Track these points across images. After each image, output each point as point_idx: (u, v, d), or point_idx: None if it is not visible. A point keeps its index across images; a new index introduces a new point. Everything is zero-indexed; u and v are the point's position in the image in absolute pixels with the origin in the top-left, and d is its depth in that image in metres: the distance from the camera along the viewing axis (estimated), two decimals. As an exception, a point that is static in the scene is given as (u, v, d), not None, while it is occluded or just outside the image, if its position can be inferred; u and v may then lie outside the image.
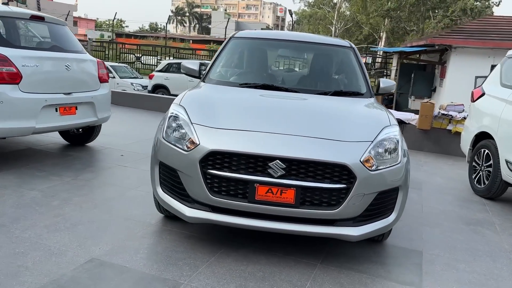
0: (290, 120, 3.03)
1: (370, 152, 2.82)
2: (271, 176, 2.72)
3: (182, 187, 2.93)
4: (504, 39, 11.05)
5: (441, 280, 2.94)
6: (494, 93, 5.19)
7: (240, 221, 2.83)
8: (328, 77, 4.02)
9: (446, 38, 11.60)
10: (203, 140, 2.82)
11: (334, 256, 3.13)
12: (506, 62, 5.33)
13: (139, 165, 5.12)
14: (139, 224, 3.42)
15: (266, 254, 3.07)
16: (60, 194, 3.93)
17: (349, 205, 2.76)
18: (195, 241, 3.19)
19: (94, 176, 4.56)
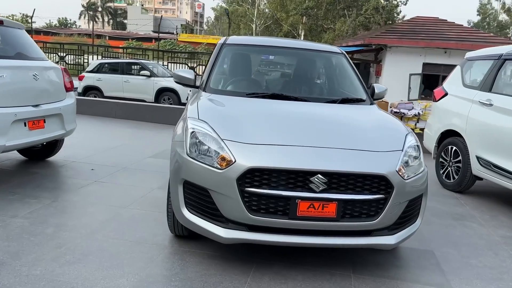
0: (319, 132, 3.00)
1: (402, 161, 2.88)
2: (312, 191, 2.68)
3: (215, 207, 2.77)
4: (434, 38, 11.94)
5: (464, 277, 3.09)
6: (458, 93, 5.57)
7: (280, 239, 2.75)
8: (331, 84, 4.04)
9: (382, 38, 12.25)
10: (239, 157, 2.69)
11: (361, 264, 3.16)
12: (466, 64, 5.74)
13: (117, 180, 4.79)
14: (154, 247, 3.19)
15: (298, 269, 3.02)
16: (49, 219, 3.55)
17: (386, 214, 2.80)
18: (221, 261, 3.05)
19: (74, 196, 4.17)
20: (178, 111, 9.14)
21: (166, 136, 7.72)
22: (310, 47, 4.22)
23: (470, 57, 5.74)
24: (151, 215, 3.82)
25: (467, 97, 5.34)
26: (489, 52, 5.41)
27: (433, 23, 13.80)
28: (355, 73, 4.09)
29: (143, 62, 15.29)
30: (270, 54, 4.27)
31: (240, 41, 4.24)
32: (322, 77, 4.11)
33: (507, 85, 4.98)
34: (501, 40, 13.63)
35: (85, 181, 4.65)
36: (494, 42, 12.53)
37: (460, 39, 12.03)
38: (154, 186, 4.67)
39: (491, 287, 2.98)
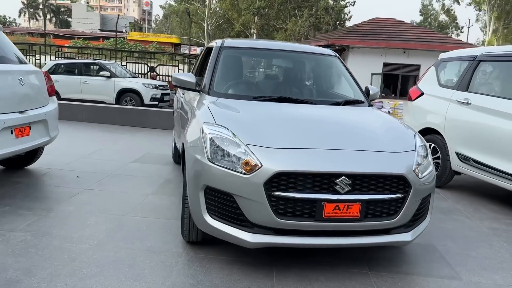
0: (336, 135, 3.07)
1: (416, 161, 3.01)
2: (337, 193, 2.74)
3: (240, 212, 2.77)
4: (394, 39, 12.43)
5: (470, 269, 3.27)
6: (434, 93, 5.84)
7: (307, 241, 2.79)
8: (331, 86, 4.13)
9: (345, 39, 12.60)
10: (265, 162, 2.70)
11: (374, 262, 3.27)
12: (441, 65, 6.04)
13: (107, 187, 4.64)
14: (169, 255, 3.13)
15: (318, 270, 3.07)
16: (51, 231, 3.39)
17: (404, 213, 2.91)
18: (242, 266, 3.05)
19: (69, 206, 4.00)
20: (149, 114, 8.97)
21: (141, 139, 7.56)
22: (306, 50, 4.29)
23: (444, 58, 6.04)
24: (155, 222, 3.74)
25: (444, 96, 5.61)
26: (463, 53, 5.73)
27: (392, 24, 14.36)
28: (351, 75, 4.21)
29: (102, 63, 14.81)
30: (269, 57, 4.30)
31: (238, 44, 4.24)
32: (322, 79, 4.19)
33: (483, 85, 5.30)
34: (454, 40, 14.42)
35: (74, 190, 4.47)
36: (448, 42, 13.23)
37: (418, 40, 12.61)
38: (148, 192, 4.57)
39: (497, 277, 3.17)
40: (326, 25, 50.04)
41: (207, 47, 4.80)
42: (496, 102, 4.85)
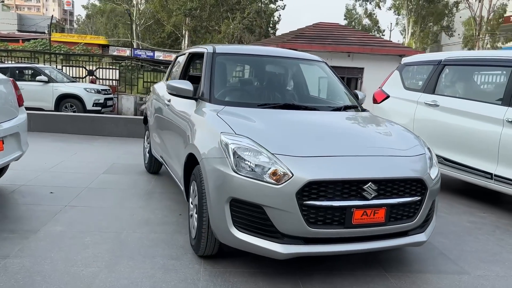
0: (354, 141, 3.12)
1: (429, 164, 3.14)
2: (365, 199, 2.78)
3: (270, 223, 2.72)
4: (339, 43, 12.88)
5: (471, 263, 3.46)
6: (401, 95, 6.13)
7: (336, 248, 2.81)
8: (332, 93, 4.18)
9: (293, 43, 12.84)
10: (296, 171, 2.68)
11: (387, 262, 3.36)
12: (405, 69, 6.35)
13: (89, 202, 4.35)
14: (188, 271, 3.01)
15: (339, 275, 3.10)
16: (49, 255, 3.12)
17: (422, 214, 3.03)
18: (265, 277, 3.00)
19: (55, 225, 3.70)
20: (104, 121, 8.54)
21: (101, 149, 7.17)
22: (298, 56, 4.32)
23: (408, 63, 6.36)
24: (157, 237, 3.57)
25: (411, 98, 5.92)
26: (427, 58, 6.07)
27: (336, 29, 14.89)
28: (340, 80, 4.30)
29: (37, 67, 13.87)
30: (263, 63, 4.25)
31: (230, 50, 4.16)
32: (319, 85, 4.23)
33: (449, 88, 5.66)
34: (394, 44, 15.25)
35: (54, 207, 4.13)
36: (389, 46, 13.98)
37: (362, 44, 13.18)
38: (135, 205, 4.35)
39: (497, 269, 3.40)
40: (258, 28, 50.74)
41: (190, 52, 4.66)
42: (463, 103, 5.20)
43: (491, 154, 4.75)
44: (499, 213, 4.87)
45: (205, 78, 3.78)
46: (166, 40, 54.64)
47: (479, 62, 5.36)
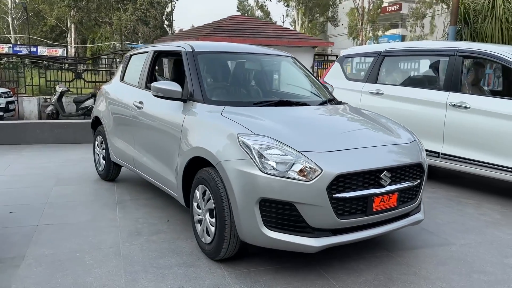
0: (361, 133, 3.30)
1: (421, 148, 3.44)
2: (381, 187, 2.98)
3: (301, 219, 2.79)
4: (258, 36, 13.10)
5: (451, 234, 3.87)
6: (344, 86, 6.49)
7: (360, 235, 2.97)
8: (311, 87, 4.29)
9: (213, 36, 12.74)
10: (325, 166, 2.77)
11: (384, 244, 3.63)
12: (345, 61, 6.73)
13: (61, 219, 4.00)
14: (214, 277, 2.95)
15: (353, 260, 3.29)
16: (57, 281, 2.85)
17: (420, 196, 3.33)
18: (290, 272, 3.06)
19: (41, 247, 3.35)
20: (27, 127, 7.74)
21: (34, 158, 6.53)
22: (274, 53, 4.38)
23: (348, 54, 6.76)
24: (158, 247, 3.42)
25: (355, 88, 6.31)
26: (368, 49, 6.51)
27: (252, 22, 15.08)
28: (312, 74, 4.47)
29: None
30: (245, 60, 4.21)
31: (209, 48, 4.07)
32: (298, 80, 4.33)
33: (390, 77, 6.15)
34: (307, 36, 15.90)
35: (24, 228, 3.72)
36: (303, 38, 14.57)
37: (279, 37, 13.57)
38: (113, 217, 4.09)
39: (473, 237, 3.85)
40: (153, 19, 49.25)
41: (155, 51, 4.46)
42: (407, 90, 5.71)
43: (437, 135, 5.30)
44: (445, 188, 5.47)
45: (192, 78, 3.66)
46: (49, 34, 50.59)
47: (417, 52, 5.91)
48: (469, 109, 5.00)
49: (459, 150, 5.11)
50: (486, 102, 4.95)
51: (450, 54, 5.36)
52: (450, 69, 5.31)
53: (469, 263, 3.30)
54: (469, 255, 3.45)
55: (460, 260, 3.35)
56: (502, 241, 3.78)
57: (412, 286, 2.92)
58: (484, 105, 4.91)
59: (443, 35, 10.43)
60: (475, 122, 4.93)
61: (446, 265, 3.26)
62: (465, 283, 2.99)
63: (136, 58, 4.96)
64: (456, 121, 5.11)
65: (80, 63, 17.87)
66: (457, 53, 5.29)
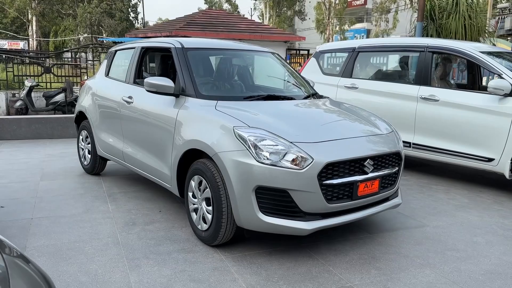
0: (346, 124, 3.56)
1: (399, 138, 3.74)
2: (365, 173, 3.25)
3: (294, 204, 3.02)
4: (231, 31, 13.22)
5: (425, 217, 4.21)
6: (320, 80, 6.74)
7: (347, 218, 3.23)
8: (294, 81, 4.50)
9: (187, 30, 12.77)
10: (315, 156, 3.01)
11: (366, 227, 3.92)
12: (321, 56, 7.00)
13: (56, 212, 4.09)
14: (213, 260, 3.15)
15: (338, 242, 3.56)
16: (62, 269, 2.97)
17: (398, 182, 3.63)
18: (283, 254, 3.30)
19: (40, 239, 3.45)
20: (4, 123, 7.64)
21: (15, 154, 6.50)
22: (256, 49, 4.57)
23: (323, 50, 7.03)
24: (155, 236, 3.59)
25: (331, 83, 6.60)
26: (342, 45, 6.80)
27: (225, 16, 15.15)
28: (295, 70, 4.70)
29: None
30: (234, 56, 4.36)
31: (199, 44, 4.22)
32: (282, 75, 4.54)
33: (364, 71, 6.46)
34: (279, 31, 16.08)
35: (20, 222, 3.80)
36: (276, 32, 14.78)
37: (252, 31, 13.73)
38: (106, 209, 4.21)
39: (445, 218, 4.20)
40: (119, 11, 48.38)
41: (142, 47, 4.57)
42: (381, 84, 6.04)
43: (408, 126, 5.65)
44: (417, 176, 5.85)
45: (184, 74, 3.82)
46: (10, 26, 48.93)
47: (390, 48, 6.25)
48: (438, 101, 5.36)
49: (429, 140, 5.48)
50: (454, 95, 5.32)
51: (420, 50, 5.72)
52: (421, 64, 5.66)
53: (443, 242, 3.64)
54: (442, 235, 3.78)
55: (434, 240, 3.68)
56: (470, 222, 4.14)
57: (394, 264, 3.21)
58: (452, 98, 5.28)
59: (410, 31, 10.88)
60: (443, 114, 5.30)
61: (423, 244, 3.58)
62: (440, 259, 3.31)
63: (122, 54, 5.06)
64: (426, 113, 5.47)
65: (49, 57, 17.45)
66: (427, 49, 5.64)
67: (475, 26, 9.76)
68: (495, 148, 4.91)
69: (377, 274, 3.04)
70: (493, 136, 4.91)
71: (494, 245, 3.60)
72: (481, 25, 9.89)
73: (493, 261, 3.30)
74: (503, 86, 4.79)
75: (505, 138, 4.81)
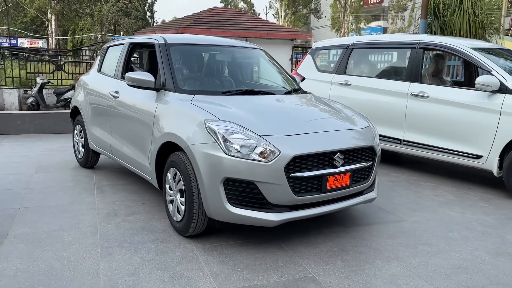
0: (319, 119, 3.60)
1: (375, 134, 3.76)
2: (335, 167, 3.29)
3: (261, 196, 3.08)
4: (237, 28, 13.30)
5: (405, 212, 4.22)
6: (315, 77, 6.79)
7: (316, 211, 3.29)
8: (277, 77, 4.56)
9: (193, 28, 12.91)
10: (283, 148, 3.07)
11: (342, 220, 3.95)
12: (316, 53, 7.03)
13: (43, 202, 4.23)
14: (184, 250, 3.24)
15: (312, 235, 3.60)
16: (38, 255, 3.09)
17: (372, 176, 3.66)
18: (254, 246, 3.36)
19: (23, 227, 3.59)
20: (7, 118, 7.88)
21: (16, 148, 6.70)
22: (243, 45, 4.65)
23: (319, 47, 7.06)
24: (133, 226, 3.69)
25: (325, 79, 6.62)
26: (337, 42, 6.82)
27: (232, 14, 15.26)
28: (279, 65, 4.76)
29: None
30: (215, 52, 4.45)
31: (181, 40, 4.31)
32: (265, 71, 4.61)
33: (357, 68, 6.47)
34: (286, 28, 16.12)
35: (7, 211, 3.95)
36: (282, 30, 14.82)
37: (258, 29, 13.79)
38: (92, 200, 4.33)
39: (425, 214, 4.21)
40: (135, 10, 48.97)
41: (130, 43, 4.69)
42: (372, 81, 6.04)
43: (399, 123, 5.65)
44: (408, 172, 5.84)
45: (164, 69, 3.91)
46: (30, 25, 49.94)
47: (383, 45, 6.24)
48: (428, 98, 5.35)
49: (419, 136, 5.46)
50: (443, 92, 5.30)
51: (411, 46, 5.70)
52: (412, 61, 5.65)
53: (417, 237, 3.65)
54: (418, 230, 3.80)
55: (409, 234, 3.70)
56: (450, 218, 4.14)
57: (362, 256, 3.25)
58: (441, 95, 5.26)
59: (415, 28, 10.79)
60: (433, 111, 5.28)
61: (396, 238, 3.61)
62: (410, 253, 3.34)
63: (113, 50, 5.18)
64: (416, 110, 5.46)
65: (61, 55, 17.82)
66: (418, 46, 5.63)
67: (480, 23, 9.63)
68: (483, 145, 4.88)
69: (342, 266, 3.08)
70: (482, 133, 4.88)
71: (469, 241, 3.61)
72: (486, 22, 9.75)
73: (464, 256, 3.31)
74: (491, 83, 4.76)
75: (493, 135, 4.78)
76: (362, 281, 2.88)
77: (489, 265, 3.17)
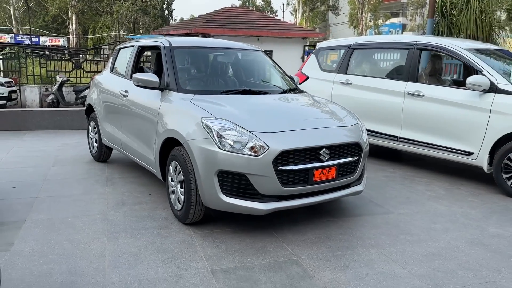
0: (309, 117, 3.88)
1: (362, 130, 4.03)
2: (321, 161, 3.58)
3: (252, 187, 3.39)
4: (249, 28, 13.61)
5: (394, 205, 4.48)
6: (318, 76, 7.06)
7: (303, 201, 3.58)
8: (275, 78, 4.87)
9: (206, 27, 13.27)
10: (271, 144, 3.37)
11: (333, 211, 4.23)
12: (320, 53, 7.29)
13: (59, 192, 4.61)
14: (183, 235, 3.57)
15: (302, 223, 3.90)
16: (52, 238, 3.46)
17: (359, 170, 3.93)
18: (246, 233, 3.67)
19: (39, 214, 3.98)
20: (29, 115, 8.37)
21: (35, 143, 7.15)
22: (244, 47, 4.95)
23: (322, 47, 7.31)
24: (138, 214, 4.04)
25: (328, 79, 6.88)
26: (339, 42, 7.06)
27: (245, 13, 15.60)
28: (278, 66, 5.05)
29: None
30: (217, 54, 4.78)
31: (185, 43, 4.65)
32: (263, 72, 4.91)
33: (358, 68, 6.71)
34: (298, 27, 16.37)
35: (26, 200, 4.35)
36: (294, 29, 15.08)
37: (270, 28, 14.08)
38: (103, 191, 4.71)
39: (412, 207, 4.46)
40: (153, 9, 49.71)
41: (139, 45, 5.04)
42: (371, 80, 6.28)
43: (396, 121, 5.88)
44: (405, 168, 6.07)
45: (168, 70, 4.25)
46: (51, 23, 51.10)
47: (382, 45, 6.47)
48: (423, 97, 5.57)
49: (414, 134, 5.69)
50: (438, 91, 5.51)
51: (409, 47, 5.92)
52: (409, 61, 5.87)
53: (400, 227, 3.91)
54: (402, 221, 4.06)
55: (393, 225, 3.96)
56: (437, 211, 4.38)
57: (344, 243, 3.53)
58: (436, 94, 5.48)
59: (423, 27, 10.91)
60: (427, 109, 5.50)
61: (380, 228, 3.87)
62: (391, 241, 3.60)
63: (124, 51, 5.55)
64: (412, 108, 5.68)
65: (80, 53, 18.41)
66: (415, 46, 5.85)
67: (487, 22, 9.71)
68: (474, 142, 5.09)
69: (325, 251, 3.38)
70: (473, 131, 5.09)
71: (449, 232, 3.85)
72: (493, 21, 9.82)
73: (441, 245, 3.56)
74: (481, 82, 4.96)
75: (484, 133, 4.99)
76: (340, 264, 3.17)
77: (462, 253, 3.42)
